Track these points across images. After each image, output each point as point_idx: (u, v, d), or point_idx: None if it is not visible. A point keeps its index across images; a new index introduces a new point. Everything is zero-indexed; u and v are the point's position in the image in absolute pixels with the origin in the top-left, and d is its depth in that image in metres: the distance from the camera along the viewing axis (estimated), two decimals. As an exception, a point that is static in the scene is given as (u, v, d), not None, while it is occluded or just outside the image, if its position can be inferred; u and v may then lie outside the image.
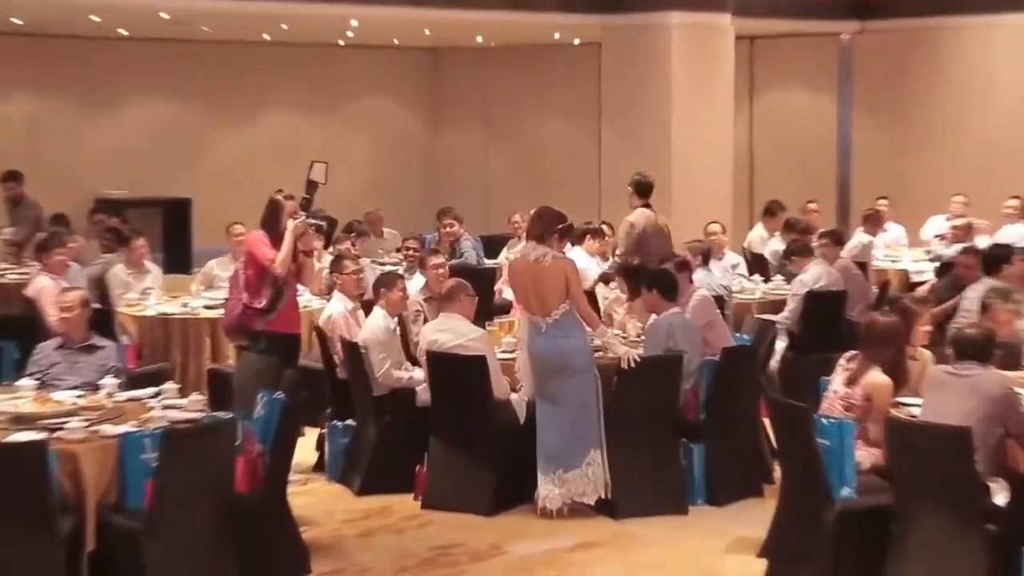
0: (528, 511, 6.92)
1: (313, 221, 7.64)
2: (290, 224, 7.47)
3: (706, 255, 9.76)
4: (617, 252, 9.69)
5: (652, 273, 7.74)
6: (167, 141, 15.79)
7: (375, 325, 7.52)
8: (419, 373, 7.46)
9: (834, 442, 5.56)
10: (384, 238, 13.10)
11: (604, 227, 11.16)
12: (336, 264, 8.50)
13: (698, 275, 9.15)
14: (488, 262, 12.23)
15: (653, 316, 7.43)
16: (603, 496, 6.83)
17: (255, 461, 5.75)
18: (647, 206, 9.60)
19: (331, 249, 10.72)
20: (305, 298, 9.19)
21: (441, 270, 8.61)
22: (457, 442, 7.09)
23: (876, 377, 5.81)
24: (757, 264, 11.64)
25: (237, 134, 16.41)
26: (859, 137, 15.74)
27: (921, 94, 15.16)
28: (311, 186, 7.61)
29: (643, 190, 9.64)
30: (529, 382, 6.91)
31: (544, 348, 6.79)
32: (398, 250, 12.05)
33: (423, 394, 7.35)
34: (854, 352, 6.00)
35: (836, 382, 5.98)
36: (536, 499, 6.85)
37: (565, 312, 6.77)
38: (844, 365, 5.99)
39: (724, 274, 10.45)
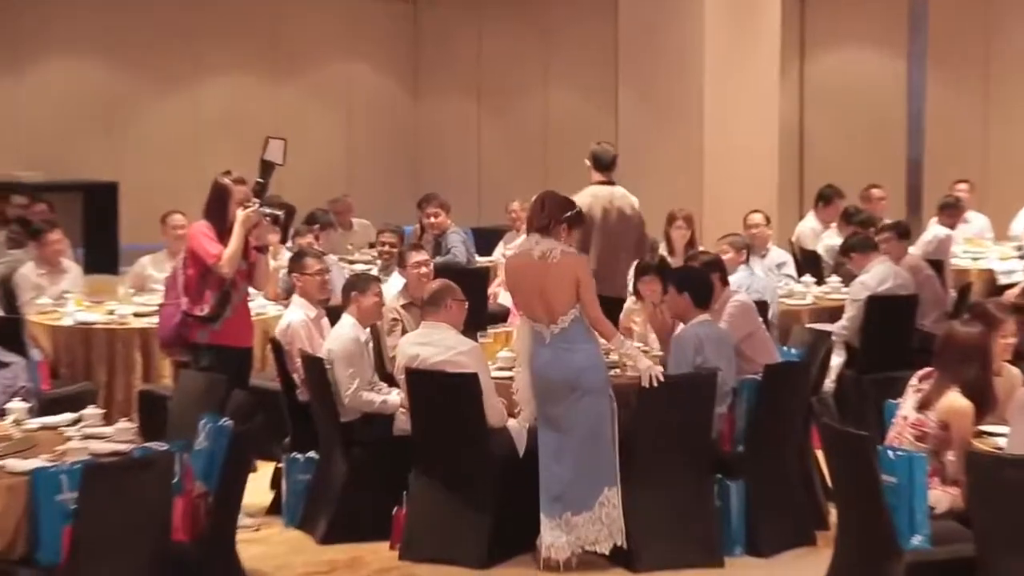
0: (529, 563, 6.93)
1: (268, 210, 7.67)
2: (239, 214, 7.49)
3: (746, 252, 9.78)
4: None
5: (684, 273, 7.75)
6: (88, 112, 15.81)
7: (342, 334, 7.55)
8: (395, 396, 7.49)
9: (903, 479, 5.57)
10: (354, 230, 13.13)
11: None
12: (296, 262, 8.53)
13: (737, 275, 9.17)
14: (480, 260, 12.25)
15: (680, 326, 7.46)
16: (619, 544, 6.84)
17: (196, 503, 5.77)
18: (608, 183, 9.18)
19: (289, 244, 10.75)
20: (258, 303, 9.22)
21: (424, 269, 8.64)
22: (443, 479, 7.10)
23: (955, 400, 5.83)
24: (808, 262, 11.66)
25: (174, 104, 16.42)
26: (934, 107, 15.73)
27: (1011, 54, 15.17)
28: (266, 168, 7.63)
29: (602, 163, 9.22)
30: (530, 405, 6.93)
31: (549, 363, 6.82)
32: (371, 245, 12.09)
33: (402, 420, 7.37)
34: (928, 369, 6.02)
35: (906, 406, 6.00)
36: (539, 548, 6.86)
37: (574, 320, 6.80)
38: (916, 385, 6.01)
39: (768, 275, 10.46)
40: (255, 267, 7.66)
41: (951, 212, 12.40)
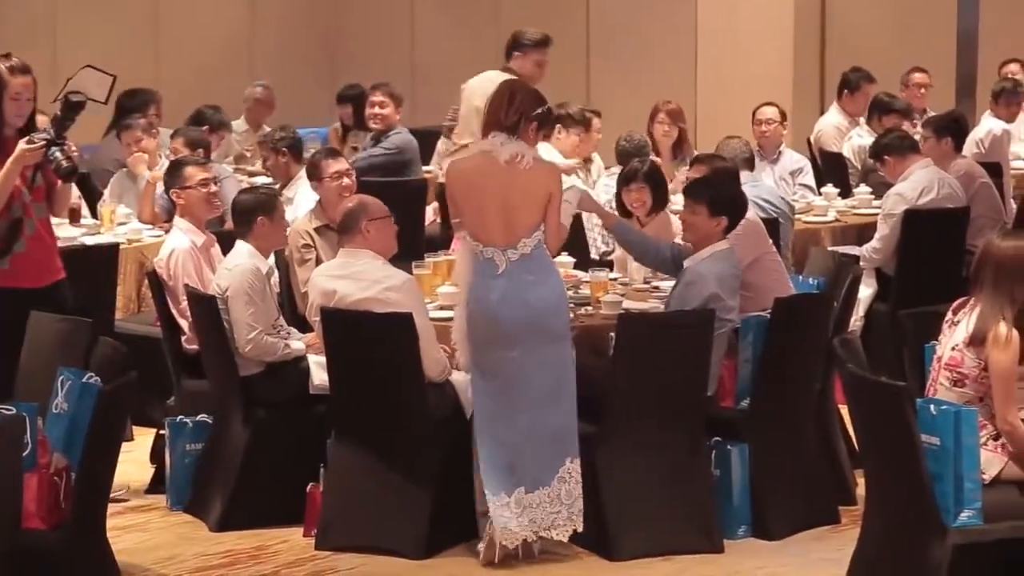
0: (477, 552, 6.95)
1: (59, 155, 7.00)
2: (20, 146, 7.00)
3: (749, 159, 9.74)
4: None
5: (719, 188, 7.59)
6: None
7: (238, 265, 7.53)
8: (297, 342, 7.52)
9: (948, 440, 5.60)
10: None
11: (589, 115, 11.15)
12: (173, 175, 8.44)
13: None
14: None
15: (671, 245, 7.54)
16: (578, 531, 6.85)
17: (55, 481, 5.75)
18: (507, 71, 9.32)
19: (167, 152, 10.67)
20: (130, 227, 9.15)
21: (346, 181, 8.57)
22: (370, 447, 7.12)
23: (999, 333, 5.80)
24: (830, 168, 11.68)
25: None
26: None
27: None
28: (71, 107, 7.09)
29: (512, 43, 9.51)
30: (466, 350, 6.94)
31: (505, 298, 6.81)
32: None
33: (319, 374, 7.39)
34: (965, 298, 6.04)
35: (942, 344, 6.02)
36: (487, 534, 6.86)
37: (538, 245, 6.86)
38: (952, 319, 6.03)
39: (780, 185, 10.47)
40: (54, 190, 7.27)
41: (1008, 100, 12.41)
